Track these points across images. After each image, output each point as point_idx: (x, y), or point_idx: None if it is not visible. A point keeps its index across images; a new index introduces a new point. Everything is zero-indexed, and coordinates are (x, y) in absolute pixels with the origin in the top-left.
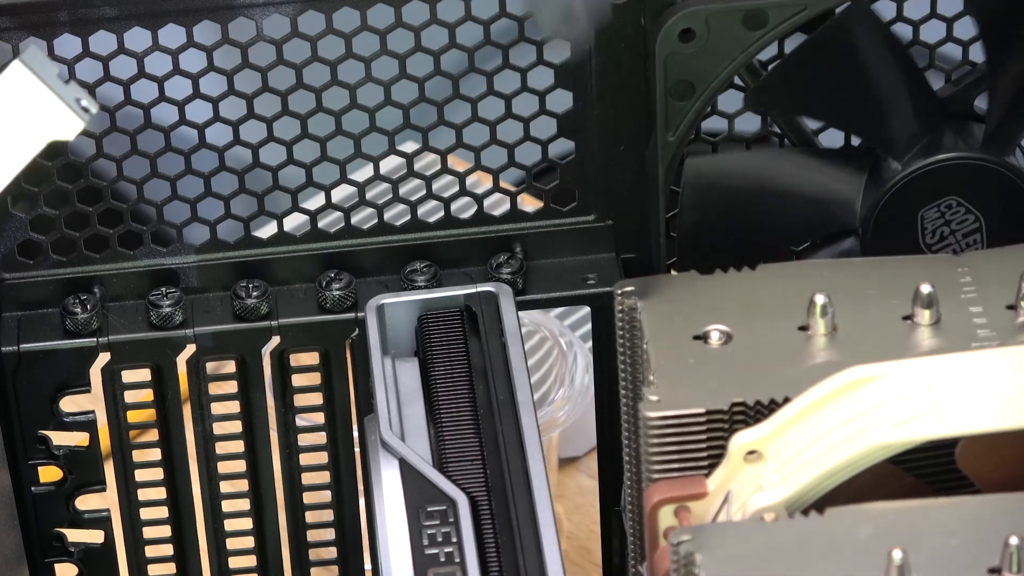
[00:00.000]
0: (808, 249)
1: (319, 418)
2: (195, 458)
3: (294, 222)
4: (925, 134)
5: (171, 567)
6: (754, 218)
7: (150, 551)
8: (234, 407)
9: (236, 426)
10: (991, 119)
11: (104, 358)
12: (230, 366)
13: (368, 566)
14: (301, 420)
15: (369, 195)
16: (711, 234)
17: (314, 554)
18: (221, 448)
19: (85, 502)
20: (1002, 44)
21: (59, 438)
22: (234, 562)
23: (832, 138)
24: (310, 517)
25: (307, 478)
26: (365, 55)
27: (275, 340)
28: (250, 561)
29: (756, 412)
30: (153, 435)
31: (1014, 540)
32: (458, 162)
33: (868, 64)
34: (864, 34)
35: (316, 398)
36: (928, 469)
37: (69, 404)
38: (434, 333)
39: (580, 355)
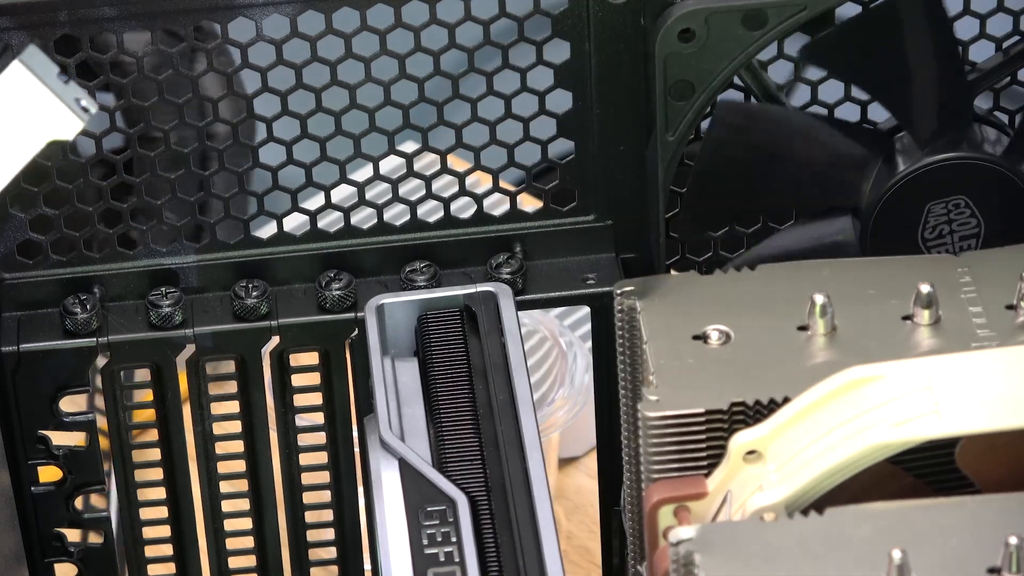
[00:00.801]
0: (798, 224)
1: (319, 418)
2: (195, 458)
3: (294, 222)
4: (950, 129)
5: (171, 567)
6: (763, 171)
7: (150, 551)
8: (234, 407)
9: (236, 426)
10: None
11: (104, 358)
12: (230, 366)
13: (368, 566)
14: (301, 420)
15: (369, 195)
16: (720, 184)
17: (314, 554)
18: (221, 448)
19: (85, 502)
20: None
21: (59, 438)
22: (234, 562)
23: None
24: (310, 517)
25: (307, 478)
26: (365, 55)
27: (275, 340)
28: (250, 561)
29: (756, 412)
30: (153, 435)
31: (1014, 540)
32: (458, 162)
33: (914, 45)
34: (917, 13)
35: (316, 398)
36: (928, 469)
37: (69, 404)
38: (434, 333)
39: (580, 355)
